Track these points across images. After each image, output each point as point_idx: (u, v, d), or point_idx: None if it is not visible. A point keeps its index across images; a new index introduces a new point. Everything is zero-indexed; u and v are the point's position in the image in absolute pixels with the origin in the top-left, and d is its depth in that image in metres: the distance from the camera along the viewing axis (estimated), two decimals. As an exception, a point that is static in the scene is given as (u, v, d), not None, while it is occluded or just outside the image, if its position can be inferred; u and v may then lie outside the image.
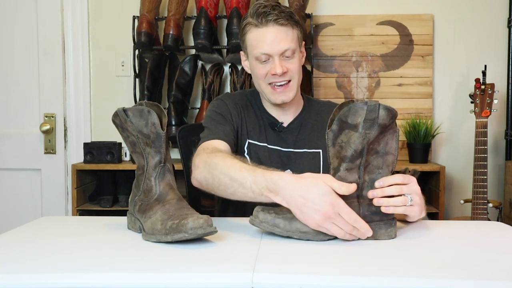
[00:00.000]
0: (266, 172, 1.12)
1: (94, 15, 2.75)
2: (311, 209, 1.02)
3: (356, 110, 1.03)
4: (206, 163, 1.25)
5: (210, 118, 1.49)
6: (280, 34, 1.40)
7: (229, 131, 1.45)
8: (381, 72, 2.67)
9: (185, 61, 2.52)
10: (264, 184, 1.10)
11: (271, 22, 1.39)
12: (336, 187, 1.02)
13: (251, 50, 1.45)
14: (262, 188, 1.10)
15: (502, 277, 0.84)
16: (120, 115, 1.13)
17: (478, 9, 2.66)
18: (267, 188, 1.09)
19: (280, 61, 1.41)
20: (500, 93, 2.57)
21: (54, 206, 2.72)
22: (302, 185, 1.05)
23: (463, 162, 2.66)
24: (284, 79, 1.43)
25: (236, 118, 1.50)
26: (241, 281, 0.83)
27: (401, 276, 0.84)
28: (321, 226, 1.03)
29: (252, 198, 1.13)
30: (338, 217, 1.02)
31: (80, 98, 2.74)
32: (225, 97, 1.56)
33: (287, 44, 1.40)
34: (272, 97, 1.46)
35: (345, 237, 1.03)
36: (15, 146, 2.74)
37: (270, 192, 1.09)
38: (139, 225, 1.13)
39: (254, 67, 1.47)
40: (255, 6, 1.42)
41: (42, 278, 0.84)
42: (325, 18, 2.68)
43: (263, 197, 1.11)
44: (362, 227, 1.03)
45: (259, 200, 1.13)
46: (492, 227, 1.28)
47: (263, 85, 1.46)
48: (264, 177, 1.10)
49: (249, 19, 1.42)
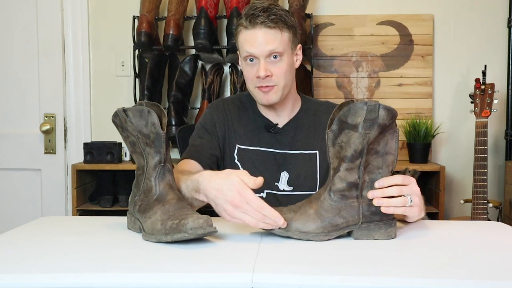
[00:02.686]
0: (194, 174, 1.17)
1: (94, 15, 2.75)
2: (222, 200, 1.06)
3: (356, 110, 1.03)
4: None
5: (195, 132, 1.56)
6: (267, 36, 1.40)
7: (206, 146, 1.50)
8: (381, 72, 2.67)
9: (185, 61, 2.52)
10: (191, 186, 1.15)
11: (258, 24, 1.40)
12: (246, 180, 1.06)
13: (240, 51, 1.47)
14: (191, 190, 1.16)
15: (502, 277, 0.85)
16: (120, 115, 1.13)
17: (478, 9, 2.66)
18: (193, 189, 1.15)
19: (265, 64, 1.41)
20: (500, 93, 2.57)
21: (54, 206, 2.72)
22: (217, 178, 1.09)
23: (463, 162, 2.66)
24: (268, 84, 1.43)
25: (221, 128, 1.53)
26: (241, 281, 0.83)
27: (401, 276, 0.84)
28: (233, 217, 1.05)
29: (192, 204, 1.17)
30: (246, 205, 1.04)
31: (80, 98, 2.75)
32: (215, 105, 1.59)
33: (273, 46, 1.40)
34: (258, 97, 1.48)
35: (259, 225, 1.05)
36: (15, 146, 2.74)
37: (196, 192, 1.14)
38: (139, 225, 1.13)
39: (244, 68, 1.48)
40: (247, 7, 1.44)
41: (42, 278, 0.84)
42: (325, 18, 2.68)
43: (194, 199, 1.16)
44: (270, 214, 1.04)
45: (196, 205, 1.18)
46: (492, 227, 1.28)
47: (251, 86, 1.48)
48: (191, 180, 1.16)
49: (242, 20, 1.44)
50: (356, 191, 1.06)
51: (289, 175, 1.49)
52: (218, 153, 1.52)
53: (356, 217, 1.07)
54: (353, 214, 1.07)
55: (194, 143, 1.53)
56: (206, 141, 1.51)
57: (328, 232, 1.06)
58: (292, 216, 1.07)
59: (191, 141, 1.55)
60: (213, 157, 1.50)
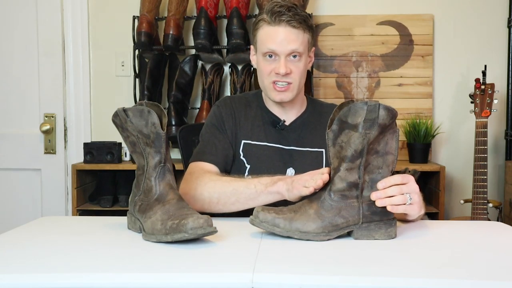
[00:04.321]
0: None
1: (94, 15, 2.75)
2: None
3: (356, 110, 1.03)
4: (197, 185, 1.34)
5: (206, 130, 1.55)
6: (291, 35, 1.42)
7: (219, 147, 1.50)
8: (381, 72, 2.67)
9: (185, 61, 2.52)
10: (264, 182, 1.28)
11: (283, 22, 1.41)
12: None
13: (260, 46, 1.47)
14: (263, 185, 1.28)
15: (502, 277, 0.85)
16: (120, 115, 1.13)
17: (478, 9, 2.66)
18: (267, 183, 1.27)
19: (285, 61, 1.43)
20: (500, 93, 2.57)
21: (54, 206, 2.72)
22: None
23: (463, 162, 2.66)
24: (286, 81, 1.45)
25: (229, 124, 1.53)
26: (241, 281, 0.83)
27: (401, 276, 0.84)
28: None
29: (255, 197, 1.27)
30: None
31: (80, 98, 2.74)
32: (223, 102, 1.59)
33: (295, 46, 1.42)
34: (272, 94, 1.49)
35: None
36: (15, 146, 2.74)
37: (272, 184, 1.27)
38: (139, 225, 1.13)
39: (260, 63, 1.49)
40: (272, 3, 1.45)
41: (42, 278, 0.84)
42: (325, 18, 2.68)
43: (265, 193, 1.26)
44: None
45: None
46: (492, 227, 1.28)
47: (266, 81, 1.48)
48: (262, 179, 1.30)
49: (264, 15, 1.45)
50: (356, 191, 1.06)
51: (295, 171, 1.49)
52: (231, 152, 1.52)
53: (356, 217, 1.07)
54: (353, 214, 1.07)
55: (207, 143, 1.52)
56: (218, 141, 1.51)
57: (328, 232, 1.06)
58: (292, 216, 1.07)
59: (203, 140, 1.53)
60: (227, 157, 1.50)
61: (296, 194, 1.19)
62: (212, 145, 1.50)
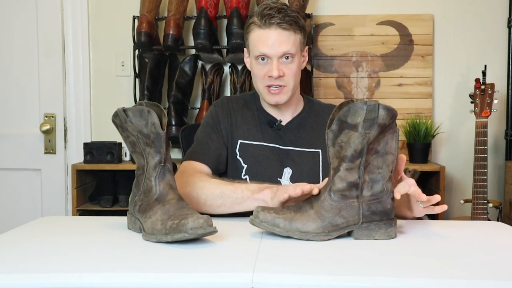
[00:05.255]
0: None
1: (94, 15, 2.75)
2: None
3: (356, 110, 1.03)
4: (187, 184, 1.34)
5: (201, 129, 1.57)
6: (281, 37, 1.41)
7: (212, 147, 1.51)
8: (381, 72, 2.67)
9: (185, 61, 2.52)
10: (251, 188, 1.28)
11: (274, 25, 1.41)
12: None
13: (252, 49, 1.47)
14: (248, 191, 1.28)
15: (502, 277, 0.85)
16: (120, 115, 1.13)
17: (478, 9, 2.65)
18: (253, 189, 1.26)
19: (278, 64, 1.43)
20: (500, 93, 2.57)
21: (54, 206, 2.72)
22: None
23: (463, 162, 2.66)
24: (279, 84, 1.45)
25: (225, 125, 1.54)
26: (241, 281, 0.83)
27: (401, 276, 0.84)
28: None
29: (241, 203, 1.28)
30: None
31: (80, 98, 2.74)
32: (220, 102, 1.60)
33: (286, 48, 1.42)
34: (266, 98, 1.49)
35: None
36: (15, 146, 2.74)
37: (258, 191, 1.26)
38: (139, 225, 1.13)
39: (253, 66, 1.49)
40: (262, 6, 1.45)
41: (42, 278, 0.84)
42: (325, 18, 2.68)
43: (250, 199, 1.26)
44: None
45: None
46: (492, 227, 1.28)
47: (260, 85, 1.49)
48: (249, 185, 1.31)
49: (254, 18, 1.44)
50: (356, 191, 1.06)
51: (292, 171, 1.49)
52: (224, 152, 1.52)
53: (356, 217, 1.07)
54: (353, 214, 1.07)
55: (200, 142, 1.53)
56: (211, 141, 1.52)
57: (328, 232, 1.06)
58: (292, 216, 1.07)
59: (197, 139, 1.55)
60: (220, 157, 1.51)
61: (276, 203, 1.21)
62: (205, 144, 1.51)
